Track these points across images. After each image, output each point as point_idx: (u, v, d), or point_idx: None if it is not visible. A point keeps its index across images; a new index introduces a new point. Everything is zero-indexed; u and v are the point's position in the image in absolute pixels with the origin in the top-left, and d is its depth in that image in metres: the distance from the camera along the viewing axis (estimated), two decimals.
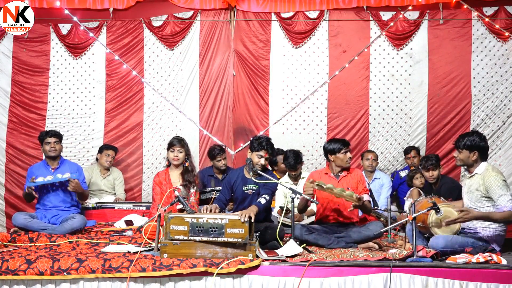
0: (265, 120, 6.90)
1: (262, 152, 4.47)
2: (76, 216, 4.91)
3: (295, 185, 5.63)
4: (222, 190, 4.72)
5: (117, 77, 6.88)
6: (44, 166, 5.18)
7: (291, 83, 6.89)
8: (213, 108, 6.91)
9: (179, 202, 4.18)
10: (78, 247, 4.28)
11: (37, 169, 5.18)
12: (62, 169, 5.15)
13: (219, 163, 6.05)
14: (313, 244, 4.28)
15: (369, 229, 4.31)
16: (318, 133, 6.87)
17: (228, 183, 4.64)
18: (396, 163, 6.82)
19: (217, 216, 3.77)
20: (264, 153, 4.46)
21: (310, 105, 6.87)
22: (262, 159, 4.44)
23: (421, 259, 3.70)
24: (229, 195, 4.64)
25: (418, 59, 6.76)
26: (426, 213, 4.04)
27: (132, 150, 6.86)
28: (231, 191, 4.63)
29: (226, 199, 4.63)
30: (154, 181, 5.02)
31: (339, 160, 4.60)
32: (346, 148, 4.62)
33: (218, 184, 5.80)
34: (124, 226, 5.21)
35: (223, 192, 4.66)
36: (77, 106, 6.86)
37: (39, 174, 5.08)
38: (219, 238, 3.70)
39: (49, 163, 5.17)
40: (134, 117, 6.89)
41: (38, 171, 5.13)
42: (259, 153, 4.47)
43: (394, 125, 6.80)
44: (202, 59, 6.90)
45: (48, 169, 5.14)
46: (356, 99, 6.83)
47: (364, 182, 4.65)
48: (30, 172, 5.17)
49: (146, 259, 3.62)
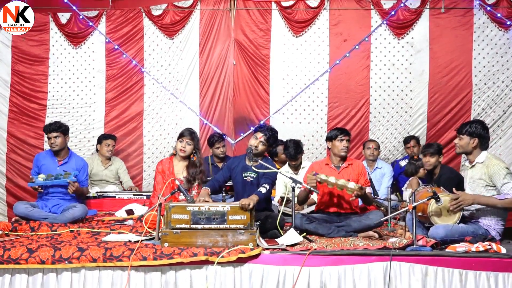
0: (265, 110, 6.89)
1: (259, 134, 4.44)
2: (77, 205, 4.92)
3: (296, 174, 5.63)
4: (221, 171, 4.67)
5: (117, 66, 6.86)
6: (50, 157, 5.15)
7: (292, 72, 6.86)
8: (213, 97, 6.90)
9: (179, 192, 4.18)
10: (79, 236, 4.30)
11: (44, 158, 5.16)
12: (68, 164, 5.12)
13: (218, 151, 6.06)
14: (313, 233, 4.29)
15: (369, 218, 4.31)
16: (318, 123, 6.86)
17: (229, 167, 4.61)
18: (396, 152, 6.82)
19: (219, 205, 3.79)
20: (261, 135, 4.41)
21: (310, 95, 6.86)
22: (255, 141, 4.39)
23: (421, 248, 3.71)
24: (227, 176, 4.57)
25: (419, 48, 6.73)
26: (426, 203, 4.04)
27: (132, 139, 6.86)
28: (229, 174, 4.60)
29: (224, 180, 4.56)
30: (156, 168, 4.88)
31: (335, 147, 4.58)
32: (343, 136, 4.57)
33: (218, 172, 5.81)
34: (125, 215, 5.23)
35: (222, 173, 4.61)
36: (77, 96, 6.85)
37: (45, 163, 5.07)
38: (222, 225, 3.71)
39: (55, 155, 5.15)
40: (135, 107, 6.88)
41: (44, 160, 5.11)
42: (255, 134, 4.46)
43: (394, 115, 6.79)
44: (202, 48, 6.87)
45: (54, 160, 5.12)
46: (357, 88, 6.82)
47: (366, 175, 4.63)
48: (37, 160, 5.15)
49: (147, 248, 3.63)
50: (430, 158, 5.26)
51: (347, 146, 4.60)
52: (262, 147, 4.44)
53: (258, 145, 4.41)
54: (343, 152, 4.58)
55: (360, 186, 4.20)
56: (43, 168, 5.07)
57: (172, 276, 3.58)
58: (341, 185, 4.20)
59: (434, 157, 5.27)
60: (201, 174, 4.81)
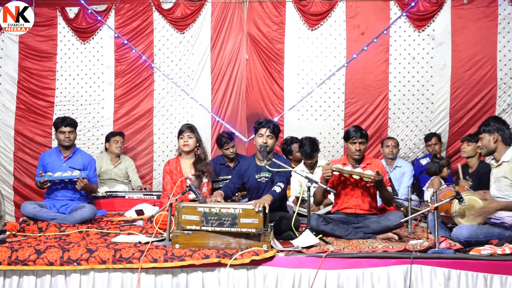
0: (279, 106, 6.87)
1: (262, 130, 4.39)
2: (85, 205, 4.96)
3: (311, 173, 5.60)
4: (232, 177, 4.69)
5: (126, 62, 6.88)
6: (56, 154, 5.21)
7: (307, 67, 6.83)
8: (225, 93, 6.90)
9: (190, 192, 4.19)
10: (88, 237, 4.33)
11: (49, 156, 5.23)
12: (74, 159, 5.17)
13: (227, 152, 6.05)
14: (330, 235, 4.27)
15: (388, 219, 4.29)
16: (335, 120, 6.82)
17: (239, 172, 4.60)
18: (416, 150, 6.76)
19: (230, 206, 3.76)
20: (264, 130, 4.38)
21: (326, 90, 6.82)
22: (262, 138, 4.38)
23: (443, 250, 3.66)
24: (239, 183, 4.59)
25: (441, 41, 6.65)
26: (449, 202, 4.00)
27: (142, 137, 6.89)
28: (241, 180, 4.59)
29: (235, 187, 4.59)
30: (164, 169, 5.03)
31: (348, 149, 4.56)
32: (355, 139, 4.48)
33: (229, 173, 5.81)
34: (134, 215, 5.25)
35: (233, 180, 4.62)
36: (86, 93, 6.89)
37: (50, 161, 5.13)
38: (232, 229, 3.69)
39: (62, 151, 5.20)
40: (144, 104, 6.91)
41: (50, 158, 5.17)
42: (259, 132, 4.42)
43: (415, 111, 6.73)
44: (214, 42, 6.86)
45: (60, 157, 5.18)
46: (375, 83, 6.76)
47: (386, 174, 4.60)
48: (42, 159, 5.22)
49: (157, 250, 3.64)
50: (466, 145, 5.18)
51: (360, 150, 4.50)
52: (271, 141, 4.41)
53: (267, 140, 4.38)
54: (356, 156, 4.51)
55: (377, 171, 4.19)
56: (48, 166, 5.12)
57: (183, 278, 3.59)
58: (357, 173, 4.20)
59: (471, 145, 5.14)
60: (208, 166, 5.00)
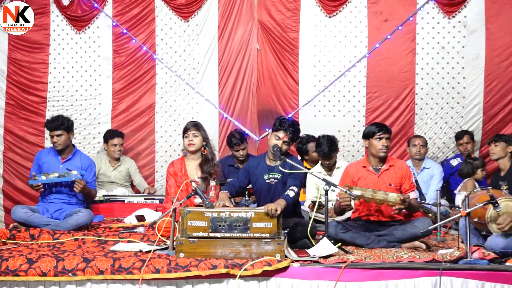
0: (294, 101, 6.87)
1: (281, 133, 4.44)
2: (81, 210, 4.99)
3: (329, 176, 5.60)
4: (238, 175, 4.72)
5: (126, 53, 6.93)
6: (53, 155, 5.24)
7: (324, 58, 6.83)
8: (234, 87, 6.91)
9: (196, 195, 4.20)
10: (84, 245, 4.36)
11: (46, 155, 5.26)
12: (73, 162, 5.20)
13: (237, 153, 6.06)
14: (349, 244, 4.26)
15: (415, 226, 4.27)
16: (355, 116, 6.81)
17: (246, 170, 4.66)
18: (446, 150, 6.73)
19: (241, 210, 3.80)
20: (283, 134, 4.43)
21: (346, 83, 6.81)
22: (278, 141, 4.42)
23: (476, 261, 3.65)
24: (245, 182, 4.65)
25: (473, 29, 6.61)
26: (483, 208, 3.97)
27: (143, 136, 6.93)
28: (248, 179, 4.64)
29: (241, 185, 4.63)
30: (168, 171, 5.03)
31: (372, 147, 4.52)
32: (382, 134, 4.48)
33: None
34: (135, 221, 5.29)
35: (239, 178, 4.67)
36: (81, 87, 6.94)
37: (47, 161, 5.17)
38: (244, 234, 3.71)
39: (59, 153, 5.24)
40: (145, 99, 6.95)
41: (46, 158, 5.21)
42: (277, 134, 4.46)
43: (444, 106, 6.70)
44: (222, 31, 6.88)
45: (57, 158, 5.21)
46: (400, 75, 6.74)
47: (411, 178, 4.56)
48: (38, 158, 5.26)
49: (160, 259, 3.66)
50: (494, 146, 5.15)
51: (387, 146, 4.50)
52: (286, 147, 4.49)
53: (282, 146, 4.43)
54: (382, 153, 4.50)
55: (402, 198, 4.14)
56: (44, 167, 5.16)
57: None
58: (380, 200, 4.18)
59: (499, 144, 5.10)
60: (216, 167, 4.96)
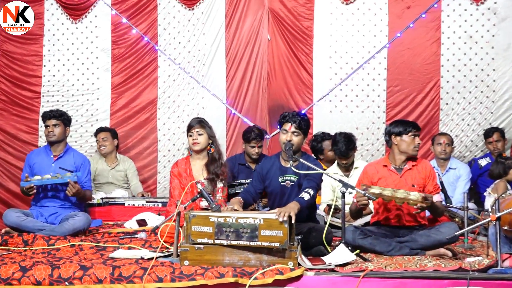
0: (307, 96, 6.87)
1: (287, 125, 4.43)
2: (78, 214, 5.01)
3: (346, 177, 5.59)
4: (252, 180, 4.72)
5: (125, 44, 6.96)
6: (45, 152, 5.30)
7: (341, 49, 6.82)
8: (243, 81, 6.92)
9: (202, 198, 4.21)
10: (81, 251, 4.39)
11: (37, 155, 5.32)
12: (65, 159, 5.25)
13: (252, 150, 6.04)
14: (368, 251, 4.26)
15: (440, 232, 4.26)
16: (375, 112, 6.80)
17: (260, 173, 4.64)
18: (474, 148, 6.70)
19: (249, 215, 3.78)
20: (289, 126, 4.41)
21: (364, 76, 6.80)
22: (286, 134, 4.40)
23: (508, 270, 3.64)
24: (260, 187, 4.63)
25: (504, 16, 6.59)
26: None
27: (144, 134, 6.96)
28: (263, 184, 4.63)
29: (256, 191, 4.62)
30: (171, 172, 5.07)
31: (404, 144, 4.53)
32: (416, 131, 4.56)
33: (249, 176, 5.83)
34: (136, 226, 5.31)
35: (253, 183, 4.66)
36: (78, 81, 6.99)
37: (38, 161, 5.22)
38: (252, 242, 3.71)
39: (51, 148, 5.28)
40: (147, 94, 6.97)
41: (37, 158, 5.26)
42: (283, 128, 4.45)
43: (472, 101, 6.68)
44: (229, 20, 6.90)
45: (49, 156, 5.26)
46: (424, 68, 6.72)
47: (435, 178, 4.57)
48: (29, 159, 5.31)
49: (163, 267, 3.67)
50: None
51: (419, 143, 4.61)
52: (297, 138, 4.42)
53: (292, 138, 4.39)
54: (415, 151, 4.57)
55: (424, 196, 4.14)
56: (36, 167, 5.21)
57: None
58: (400, 198, 4.16)
59: None
60: (223, 167, 5.01)
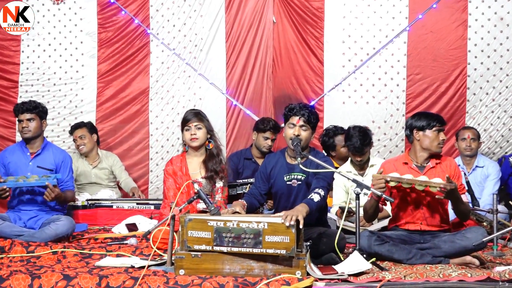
0: (318, 85, 6.88)
1: (294, 119, 4.40)
2: (61, 218, 5.01)
3: (361, 176, 5.60)
4: (255, 181, 4.71)
5: (113, 27, 6.97)
6: (20, 150, 5.29)
7: (355, 33, 6.83)
8: (245, 69, 6.94)
9: (199, 200, 4.22)
10: (64, 259, 4.40)
11: (11, 153, 5.31)
12: (44, 157, 5.25)
13: (265, 142, 6.04)
14: (386, 258, 4.26)
15: (466, 238, 4.25)
16: (393, 103, 6.80)
17: (264, 173, 4.63)
18: (505, 144, 6.73)
19: (252, 219, 3.78)
20: (296, 119, 4.38)
21: (382, 63, 6.80)
22: (293, 129, 4.37)
23: None
24: (265, 188, 4.61)
25: None
26: None
27: (135, 128, 6.99)
28: (267, 183, 4.63)
29: (261, 193, 4.60)
30: (165, 170, 5.04)
31: (427, 140, 4.52)
32: (440, 125, 4.54)
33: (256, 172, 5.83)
34: (125, 231, 5.32)
35: (257, 184, 4.65)
36: (60, 69, 7.00)
37: (13, 160, 5.22)
38: (255, 249, 3.72)
39: (28, 146, 5.29)
40: (137, 83, 6.99)
41: (12, 157, 5.26)
42: (290, 122, 4.42)
43: (503, 91, 6.69)
44: (230, 0, 6.90)
45: (25, 153, 5.25)
46: (449, 53, 6.72)
47: (461, 178, 4.56)
48: (2, 157, 5.30)
49: (155, 277, 3.68)
50: None
51: (444, 140, 4.59)
52: (306, 133, 4.40)
53: (300, 132, 4.38)
54: (440, 149, 4.55)
55: (448, 178, 4.15)
56: (11, 167, 5.20)
57: None
58: (422, 182, 4.17)
59: None
60: (222, 164, 4.97)
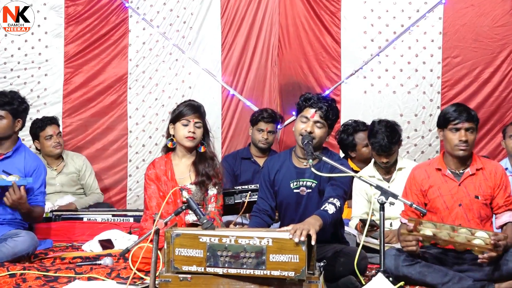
0: (334, 71, 6.89)
1: (308, 112, 4.33)
2: (20, 233, 5.02)
3: (387, 181, 5.60)
4: (260, 191, 4.67)
5: (84, 0, 6.98)
6: None
7: (379, 6, 6.85)
8: (244, 51, 6.96)
9: (189, 210, 4.23)
10: (24, 283, 4.41)
11: None
12: (13, 161, 5.22)
13: (259, 135, 6.03)
14: (417, 283, 4.27)
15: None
16: (426, 92, 6.81)
17: (267, 179, 4.58)
18: None
19: (253, 234, 3.78)
20: (312, 113, 4.30)
21: (412, 44, 6.82)
22: (306, 124, 4.32)
23: None
24: (273, 198, 4.58)
25: None
26: None
27: (110, 123, 7.01)
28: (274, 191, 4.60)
29: (272, 206, 4.55)
30: (146, 174, 4.95)
31: (446, 141, 4.49)
32: (460, 122, 4.41)
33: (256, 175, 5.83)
34: (98, 249, 5.33)
35: (262, 194, 4.59)
36: (19, 50, 7.04)
37: None
38: (257, 271, 3.72)
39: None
40: (113, 68, 7.02)
41: None
42: (303, 115, 4.34)
43: None
44: None
45: None
46: (493, 32, 6.73)
47: (508, 188, 4.48)
48: None
49: None
50: None
51: (468, 142, 4.42)
52: (320, 131, 4.33)
53: (313, 129, 4.34)
54: (460, 151, 4.42)
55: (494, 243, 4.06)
56: None
57: None
58: (460, 244, 4.11)
59: None
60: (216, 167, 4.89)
